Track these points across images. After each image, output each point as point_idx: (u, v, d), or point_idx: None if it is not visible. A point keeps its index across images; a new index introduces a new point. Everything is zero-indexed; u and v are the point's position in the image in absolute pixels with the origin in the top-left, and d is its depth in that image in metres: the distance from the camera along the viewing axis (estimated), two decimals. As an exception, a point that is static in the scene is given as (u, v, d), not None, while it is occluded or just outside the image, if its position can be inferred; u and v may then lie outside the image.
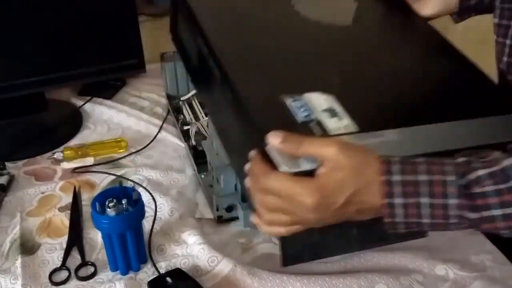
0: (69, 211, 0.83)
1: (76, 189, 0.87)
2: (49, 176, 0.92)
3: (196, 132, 0.93)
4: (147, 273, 0.72)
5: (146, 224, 0.77)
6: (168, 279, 0.69)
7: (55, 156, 0.95)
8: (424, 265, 0.71)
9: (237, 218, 0.79)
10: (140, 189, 0.83)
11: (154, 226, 0.78)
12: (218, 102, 0.71)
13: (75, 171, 0.92)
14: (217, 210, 0.78)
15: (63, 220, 0.82)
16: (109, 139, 1.00)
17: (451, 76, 0.68)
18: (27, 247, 0.76)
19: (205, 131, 0.92)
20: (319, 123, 0.56)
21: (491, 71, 0.70)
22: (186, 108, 1.04)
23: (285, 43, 0.71)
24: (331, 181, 0.52)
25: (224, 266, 0.72)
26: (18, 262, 0.73)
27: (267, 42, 0.71)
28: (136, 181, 0.89)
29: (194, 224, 0.80)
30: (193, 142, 0.92)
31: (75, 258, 0.74)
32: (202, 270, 0.72)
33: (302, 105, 0.58)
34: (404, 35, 0.77)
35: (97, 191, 0.87)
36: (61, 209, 0.84)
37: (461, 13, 0.82)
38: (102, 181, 0.90)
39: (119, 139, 0.98)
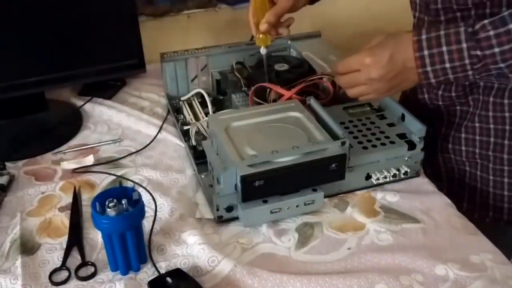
0: (69, 211, 0.83)
1: (76, 189, 0.87)
2: (49, 176, 0.92)
3: (196, 132, 0.93)
4: (147, 273, 0.72)
5: (146, 224, 0.77)
6: (168, 279, 0.69)
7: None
8: (424, 265, 0.71)
9: (237, 218, 0.79)
10: (140, 189, 0.83)
11: (154, 226, 0.78)
12: None
13: (75, 171, 0.92)
14: (217, 210, 0.78)
15: (63, 220, 0.82)
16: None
17: None
18: (27, 247, 0.76)
19: (205, 131, 0.92)
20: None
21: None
22: (186, 108, 1.04)
23: None
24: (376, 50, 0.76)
25: (224, 266, 0.72)
26: (18, 262, 0.73)
27: None
28: (136, 181, 0.89)
29: (194, 224, 0.80)
30: (193, 142, 0.92)
31: (75, 258, 0.74)
32: (202, 270, 0.72)
33: None
34: None
35: (97, 191, 0.87)
36: (61, 209, 0.84)
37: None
38: (102, 181, 0.90)
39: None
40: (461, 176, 0.96)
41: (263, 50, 0.95)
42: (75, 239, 0.77)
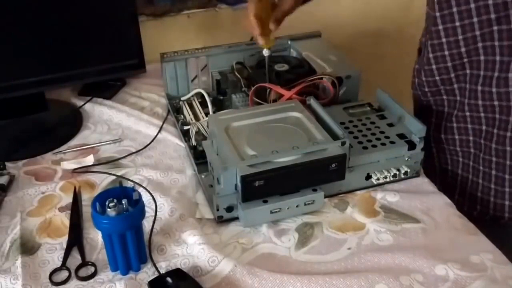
0: (69, 211, 0.83)
1: (76, 189, 0.87)
2: (49, 176, 0.92)
3: (196, 132, 0.93)
4: (147, 273, 0.72)
5: (146, 224, 0.77)
6: (168, 279, 0.69)
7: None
8: (424, 265, 0.71)
9: (237, 218, 0.79)
10: (140, 189, 0.83)
11: (154, 226, 0.78)
12: None
13: (75, 171, 0.92)
14: (217, 210, 0.78)
15: (63, 220, 0.82)
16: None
17: None
18: (27, 247, 0.76)
19: (205, 131, 0.92)
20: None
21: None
22: (186, 108, 1.04)
23: None
24: None
25: (224, 266, 0.72)
26: (18, 262, 0.74)
27: None
28: (136, 181, 0.89)
29: (194, 224, 0.80)
30: (193, 142, 0.92)
31: (75, 258, 0.74)
32: (202, 270, 0.72)
33: None
34: None
35: (97, 191, 0.87)
36: (61, 209, 0.84)
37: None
38: (102, 181, 0.90)
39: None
40: (454, 167, 0.97)
41: (266, 52, 0.95)
42: (75, 239, 0.77)
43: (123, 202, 0.68)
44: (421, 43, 0.97)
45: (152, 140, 1.00)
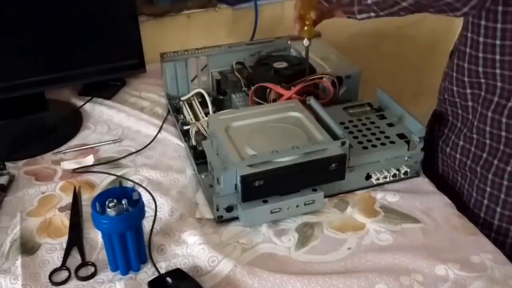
0: (69, 211, 0.83)
1: (76, 189, 0.87)
2: (49, 176, 0.92)
3: (196, 132, 0.93)
4: (147, 273, 0.72)
5: (146, 224, 0.77)
6: (168, 279, 0.69)
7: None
8: (424, 265, 0.71)
9: (237, 218, 0.79)
10: (140, 189, 0.83)
11: (154, 226, 0.78)
12: None
13: (75, 171, 0.92)
14: (217, 210, 0.78)
15: (63, 220, 0.82)
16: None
17: None
18: (27, 247, 0.76)
19: (205, 131, 0.92)
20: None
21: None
22: (186, 108, 1.04)
23: None
24: None
25: (224, 266, 0.72)
26: (18, 262, 0.73)
27: None
28: (136, 181, 0.89)
29: (194, 224, 0.80)
30: (193, 142, 0.92)
31: (75, 258, 0.74)
32: (202, 270, 0.72)
33: None
34: None
35: (97, 191, 0.87)
36: (61, 209, 0.84)
37: None
38: (102, 181, 0.90)
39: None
40: (453, 183, 0.96)
41: (306, 42, 0.96)
42: (75, 239, 0.77)
43: (123, 202, 0.68)
44: (455, 45, 0.94)
45: (152, 140, 1.00)
